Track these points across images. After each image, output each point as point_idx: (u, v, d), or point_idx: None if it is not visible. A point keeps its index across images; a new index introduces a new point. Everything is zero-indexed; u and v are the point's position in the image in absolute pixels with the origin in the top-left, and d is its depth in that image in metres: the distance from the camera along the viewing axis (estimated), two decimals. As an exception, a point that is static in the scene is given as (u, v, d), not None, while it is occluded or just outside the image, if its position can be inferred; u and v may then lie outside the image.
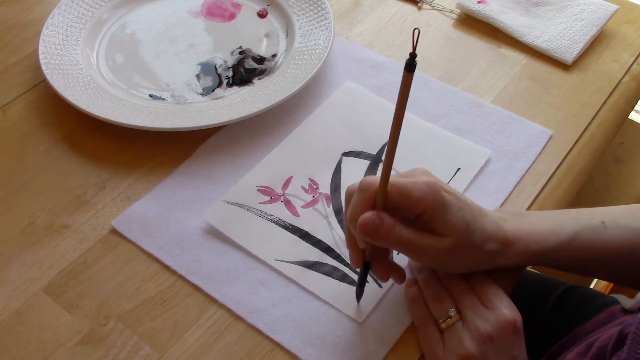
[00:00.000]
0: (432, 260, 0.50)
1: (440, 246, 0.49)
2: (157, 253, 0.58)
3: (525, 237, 0.53)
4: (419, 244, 0.49)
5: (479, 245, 0.51)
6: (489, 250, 0.51)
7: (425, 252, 0.49)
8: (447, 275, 0.53)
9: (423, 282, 0.54)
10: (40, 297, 0.55)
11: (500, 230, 0.52)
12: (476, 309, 0.50)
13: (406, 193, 0.48)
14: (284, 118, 0.69)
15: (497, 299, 0.51)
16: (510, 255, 0.53)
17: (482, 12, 0.80)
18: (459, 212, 0.49)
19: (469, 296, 0.51)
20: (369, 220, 0.47)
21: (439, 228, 0.49)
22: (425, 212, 0.48)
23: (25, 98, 0.72)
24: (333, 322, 0.54)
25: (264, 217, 0.60)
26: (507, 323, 0.49)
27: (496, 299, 0.51)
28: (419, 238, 0.49)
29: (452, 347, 0.50)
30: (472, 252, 0.51)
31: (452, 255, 0.50)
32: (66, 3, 0.77)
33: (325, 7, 0.77)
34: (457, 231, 0.49)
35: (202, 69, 0.73)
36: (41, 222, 0.60)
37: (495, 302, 0.51)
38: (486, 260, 0.52)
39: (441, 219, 0.48)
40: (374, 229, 0.47)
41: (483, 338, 0.49)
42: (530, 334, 0.52)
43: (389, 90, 0.72)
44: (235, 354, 0.52)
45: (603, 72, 0.75)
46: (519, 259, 0.53)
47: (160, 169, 0.65)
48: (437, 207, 0.48)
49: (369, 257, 0.52)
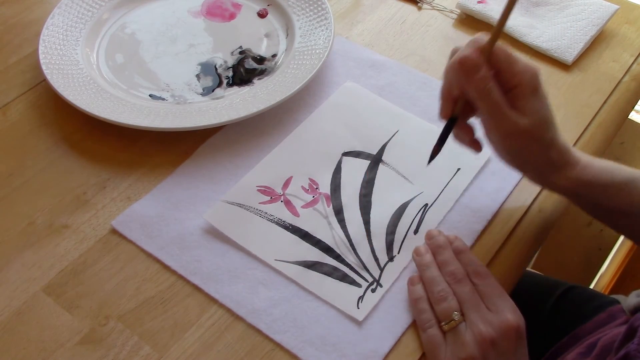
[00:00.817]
0: (504, 136, 0.52)
1: (518, 122, 0.50)
2: (157, 253, 0.58)
3: (584, 165, 0.55)
4: (502, 111, 0.50)
5: (546, 146, 0.53)
6: (550, 158, 0.53)
7: (503, 122, 0.51)
8: (452, 276, 0.53)
9: (428, 281, 0.54)
10: (40, 297, 0.55)
11: (569, 148, 0.55)
12: (480, 312, 0.50)
13: (511, 60, 0.50)
14: (284, 118, 0.69)
15: (502, 302, 0.51)
16: (564, 177, 0.54)
17: (482, 12, 0.80)
18: (545, 105, 0.51)
19: (474, 298, 0.51)
20: (470, 56, 0.49)
21: (523, 107, 0.50)
22: (518, 86, 0.50)
23: (25, 98, 0.72)
24: (333, 322, 0.54)
25: (264, 217, 0.60)
26: (511, 328, 0.49)
27: (501, 303, 0.51)
28: (504, 104, 0.50)
29: (454, 349, 0.50)
30: (538, 148, 0.52)
31: (521, 140, 0.52)
32: (66, 3, 0.77)
33: (325, 7, 0.77)
34: (537, 118, 0.51)
35: (202, 69, 0.73)
36: (41, 222, 0.60)
37: (500, 305, 0.51)
38: (543, 169, 0.55)
39: (529, 99, 0.50)
40: (473, 66, 0.49)
41: (486, 342, 0.49)
42: (530, 334, 0.52)
43: (389, 90, 0.72)
44: (235, 354, 0.52)
45: (603, 72, 0.75)
46: (569, 184, 0.55)
47: (160, 169, 0.65)
48: (530, 87, 0.50)
49: (458, 112, 0.54)
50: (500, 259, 0.59)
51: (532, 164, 0.55)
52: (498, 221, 0.61)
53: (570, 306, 0.77)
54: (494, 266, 0.58)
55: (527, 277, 0.83)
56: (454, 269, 0.54)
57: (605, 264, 1.35)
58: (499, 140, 0.54)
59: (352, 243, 0.59)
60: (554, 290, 0.79)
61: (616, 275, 1.30)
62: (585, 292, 0.79)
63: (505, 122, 0.51)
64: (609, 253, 1.35)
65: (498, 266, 0.58)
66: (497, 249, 0.59)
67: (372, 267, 0.57)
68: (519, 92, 0.50)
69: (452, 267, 0.54)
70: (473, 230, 0.60)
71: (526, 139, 0.52)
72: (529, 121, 0.51)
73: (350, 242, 0.59)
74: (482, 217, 0.61)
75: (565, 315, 0.76)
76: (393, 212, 0.61)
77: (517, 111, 0.51)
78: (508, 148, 0.54)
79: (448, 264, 0.54)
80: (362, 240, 0.59)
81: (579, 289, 0.79)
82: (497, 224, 0.61)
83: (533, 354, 0.53)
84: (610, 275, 1.32)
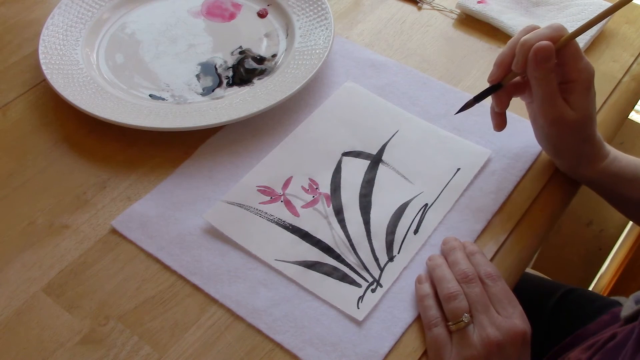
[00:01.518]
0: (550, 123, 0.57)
1: (567, 114, 0.55)
2: (157, 253, 0.58)
3: (613, 158, 0.60)
4: (555, 100, 0.55)
5: (584, 140, 0.58)
6: (584, 151, 0.59)
7: (553, 110, 0.55)
8: (463, 275, 0.53)
9: (438, 279, 0.54)
10: (40, 297, 0.55)
11: (603, 143, 0.60)
12: (489, 315, 0.50)
13: (577, 57, 0.54)
14: (284, 118, 0.69)
15: (512, 307, 0.51)
16: (592, 169, 0.60)
17: (482, 12, 0.80)
18: (593, 102, 0.56)
19: (484, 300, 0.51)
20: (547, 47, 0.53)
21: (574, 101, 0.55)
22: (575, 81, 0.55)
23: (25, 98, 0.72)
24: (333, 322, 0.54)
25: (264, 217, 0.60)
26: (518, 334, 0.49)
27: (510, 308, 0.51)
28: (558, 95, 0.55)
29: (459, 349, 0.50)
30: (576, 141, 0.58)
31: (564, 130, 0.56)
32: (66, 3, 0.77)
33: (325, 7, 0.77)
34: (585, 113, 0.56)
35: (202, 69, 0.73)
36: (41, 222, 0.60)
37: (509, 310, 0.51)
38: (575, 160, 0.60)
39: (581, 95, 0.55)
40: (546, 56, 0.53)
41: (492, 345, 0.49)
42: (532, 335, 0.52)
43: (389, 90, 0.72)
44: (235, 354, 0.52)
45: (603, 72, 0.75)
46: (595, 175, 0.60)
47: (160, 169, 0.65)
48: (585, 85, 0.55)
49: (507, 82, 0.59)
50: (500, 259, 0.59)
51: (567, 153, 0.59)
52: (498, 221, 0.61)
53: (571, 308, 0.77)
54: (493, 264, 0.58)
55: (528, 279, 0.83)
56: (465, 268, 0.53)
57: (605, 264, 1.35)
58: (544, 126, 0.58)
59: (352, 243, 0.59)
60: (555, 291, 0.79)
61: (616, 275, 1.30)
62: (586, 294, 0.79)
63: (555, 111, 0.55)
64: (609, 253, 1.35)
65: (498, 266, 0.58)
66: (497, 249, 0.59)
67: (372, 267, 0.57)
68: (574, 87, 0.55)
69: (463, 267, 0.54)
70: (473, 230, 0.60)
71: (569, 131, 0.56)
72: (576, 115, 0.55)
73: (350, 242, 0.59)
74: (482, 217, 0.61)
75: (566, 317, 0.76)
76: (393, 212, 0.61)
77: (568, 103, 0.55)
78: (550, 134, 0.58)
79: (459, 263, 0.54)
80: (362, 240, 0.59)
81: (579, 291, 0.79)
82: (497, 224, 0.61)
83: (534, 354, 0.53)
84: (610, 276, 1.32)
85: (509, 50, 0.57)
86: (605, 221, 1.33)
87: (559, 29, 0.54)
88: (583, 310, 0.74)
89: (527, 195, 0.63)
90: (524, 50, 0.54)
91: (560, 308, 0.77)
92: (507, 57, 0.57)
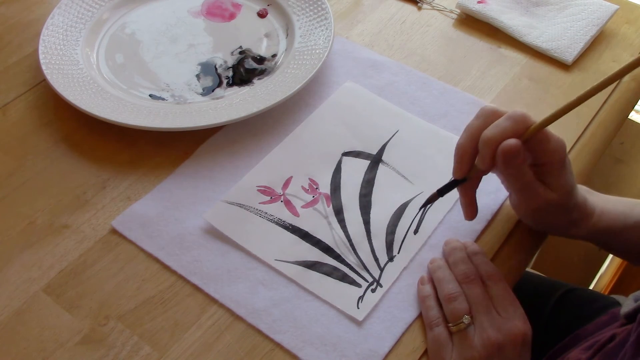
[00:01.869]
0: (533, 209, 0.55)
1: (547, 198, 0.52)
2: (157, 253, 0.58)
3: (599, 213, 0.58)
4: (534, 188, 0.52)
5: (569, 210, 0.55)
6: (573, 219, 0.56)
7: (533, 198, 0.53)
8: (463, 275, 0.53)
9: (438, 280, 0.54)
10: (40, 297, 0.55)
11: (587, 202, 0.57)
12: (490, 316, 0.50)
13: (546, 139, 0.50)
14: (284, 118, 0.69)
15: (513, 309, 0.51)
16: (583, 228, 0.57)
17: (482, 12, 0.80)
18: (570, 175, 0.53)
19: (485, 301, 0.51)
20: (514, 147, 0.48)
21: (552, 183, 0.52)
22: (548, 164, 0.51)
23: (25, 98, 0.72)
24: (333, 322, 0.54)
25: (264, 217, 0.60)
26: (518, 335, 0.50)
27: (511, 309, 0.51)
28: (535, 183, 0.52)
29: (460, 350, 0.50)
30: (563, 214, 0.55)
31: (549, 211, 0.54)
32: (66, 3, 0.77)
33: (325, 7, 0.77)
34: (565, 191, 0.53)
35: (202, 69, 0.73)
36: (41, 222, 0.60)
37: (510, 311, 0.51)
38: (564, 227, 0.57)
39: (558, 175, 0.52)
40: (513, 156, 0.48)
41: (492, 346, 0.49)
42: (532, 336, 0.52)
43: (389, 90, 0.72)
44: (235, 354, 0.52)
45: (603, 72, 0.75)
46: (586, 234, 0.58)
47: (160, 169, 0.65)
48: (560, 164, 0.51)
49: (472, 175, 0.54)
50: (500, 259, 0.59)
51: (555, 225, 0.58)
52: (498, 221, 0.61)
53: (571, 307, 0.77)
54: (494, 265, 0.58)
55: (528, 278, 0.83)
56: (466, 269, 0.54)
57: (605, 264, 1.35)
58: (527, 212, 0.56)
59: (352, 243, 0.59)
60: (554, 291, 0.79)
61: (616, 275, 1.30)
62: (586, 294, 0.79)
63: (535, 198, 0.53)
64: (609, 253, 1.35)
65: (498, 266, 0.58)
66: (497, 249, 0.59)
67: (372, 267, 0.57)
68: (549, 170, 0.51)
69: (464, 268, 0.54)
70: (473, 230, 0.60)
71: (553, 210, 0.54)
72: (557, 196, 0.52)
73: (350, 242, 0.59)
74: (482, 217, 0.61)
75: (566, 317, 0.76)
76: (393, 212, 0.61)
77: (546, 186, 0.52)
78: (534, 218, 0.57)
79: (460, 264, 0.54)
80: (362, 240, 0.59)
81: (580, 291, 0.79)
82: (497, 224, 0.61)
83: (533, 354, 0.53)
84: (610, 275, 1.32)
85: (469, 142, 0.52)
86: (605, 221, 1.33)
87: (522, 120, 0.49)
88: (583, 310, 0.74)
89: (527, 195, 0.63)
90: (489, 148, 0.49)
91: (561, 307, 0.77)
92: (468, 149, 0.52)
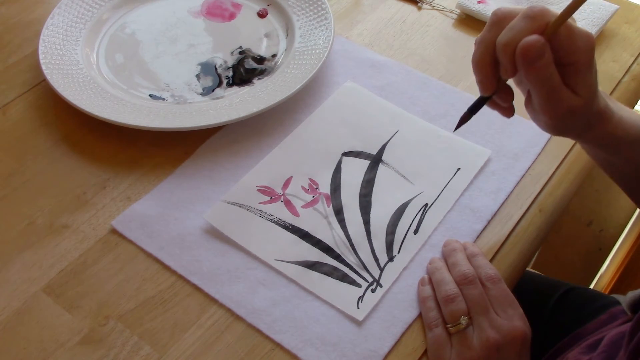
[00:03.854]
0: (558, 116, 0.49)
1: (573, 103, 0.47)
2: (157, 253, 0.58)
3: (617, 120, 0.53)
4: (562, 94, 0.47)
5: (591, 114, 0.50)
6: (590, 121, 0.51)
7: (559, 104, 0.48)
8: (462, 277, 0.53)
9: (437, 282, 0.54)
10: (40, 297, 0.55)
11: (607, 106, 0.52)
12: (488, 317, 0.50)
13: (573, 35, 0.45)
14: (284, 118, 0.69)
15: (512, 309, 0.51)
16: (599, 132, 0.53)
17: (482, 12, 0.80)
18: (595, 75, 0.48)
19: (483, 301, 0.51)
20: (534, 43, 0.43)
21: (578, 84, 0.47)
22: (576, 63, 0.46)
23: (25, 98, 0.72)
24: (333, 322, 0.54)
25: (264, 217, 0.60)
26: (517, 335, 0.49)
27: (510, 310, 0.51)
28: (563, 88, 0.47)
29: (459, 350, 0.50)
30: (584, 118, 0.50)
31: (572, 116, 0.49)
32: (66, 3, 0.77)
33: (325, 7, 0.77)
34: (590, 93, 0.48)
35: (202, 69, 0.73)
36: (41, 222, 0.60)
37: (509, 312, 0.51)
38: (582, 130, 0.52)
39: (585, 75, 0.47)
40: (537, 55, 0.44)
41: (491, 346, 0.49)
42: (531, 335, 0.52)
43: (389, 90, 0.72)
44: (235, 354, 0.52)
45: (603, 72, 0.75)
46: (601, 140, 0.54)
47: (160, 169, 0.65)
48: (587, 63, 0.46)
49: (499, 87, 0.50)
50: (500, 259, 0.59)
51: (574, 130, 0.53)
52: (498, 221, 0.61)
53: (571, 307, 0.77)
54: (494, 266, 0.58)
55: (528, 278, 0.83)
56: (465, 270, 0.53)
57: (605, 264, 1.35)
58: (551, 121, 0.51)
59: (352, 243, 0.59)
60: (554, 290, 0.79)
61: (616, 275, 1.30)
62: (586, 293, 0.79)
63: (560, 104, 0.48)
64: (609, 253, 1.35)
65: (498, 266, 0.58)
66: (497, 249, 0.59)
67: (372, 267, 0.57)
68: (576, 69, 0.47)
69: (463, 269, 0.54)
70: (473, 230, 0.60)
71: (578, 116, 0.49)
72: (583, 100, 0.48)
73: (350, 242, 0.59)
74: (482, 217, 0.61)
75: (566, 316, 0.76)
76: (393, 212, 0.61)
77: (571, 89, 0.48)
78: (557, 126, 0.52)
79: (459, 265, 0.54)
80: (362, 240, 0.59)
81: (580, 290, 0.79)
82: (497, 224, 0.61)
83: (533, 354, 0.53)
84: (610, 275, 1.32)
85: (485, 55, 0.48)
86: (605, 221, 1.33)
87: (540, 15, 0.44)
88: (583, 309, 0.74)
89: (527, 195, 0.63)
90: (507, 54, 0.45)
91: (561, 307, 0.77)
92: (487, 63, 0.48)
